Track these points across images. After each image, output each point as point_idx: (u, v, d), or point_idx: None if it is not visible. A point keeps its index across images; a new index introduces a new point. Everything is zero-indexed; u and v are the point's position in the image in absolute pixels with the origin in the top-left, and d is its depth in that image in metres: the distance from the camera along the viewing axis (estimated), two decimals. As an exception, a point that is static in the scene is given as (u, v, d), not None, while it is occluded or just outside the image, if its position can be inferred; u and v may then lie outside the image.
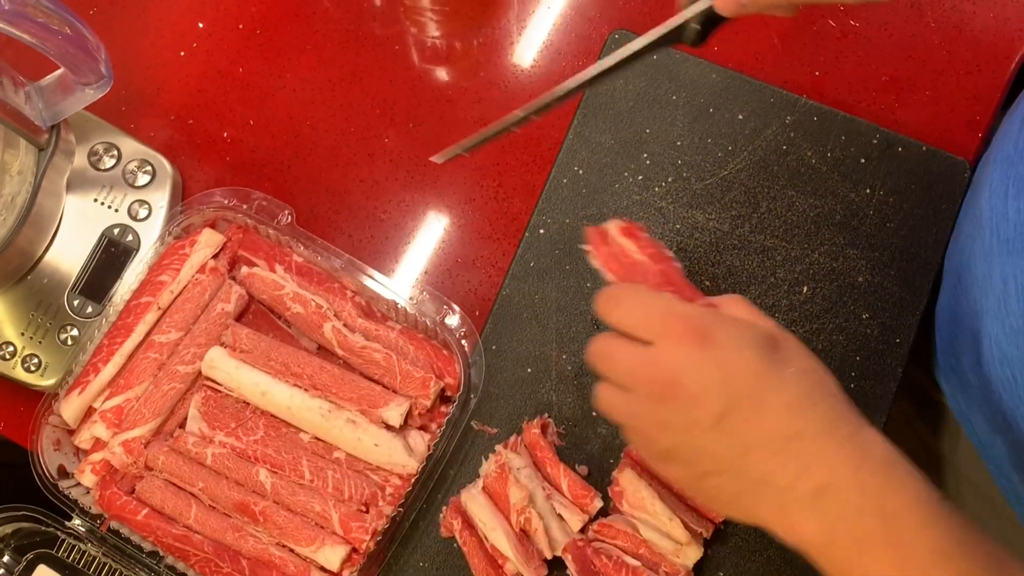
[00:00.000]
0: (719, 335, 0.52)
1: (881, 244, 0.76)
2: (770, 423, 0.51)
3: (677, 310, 0.53)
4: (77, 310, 0.76)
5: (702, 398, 0.51)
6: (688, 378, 0.51)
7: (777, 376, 0.52)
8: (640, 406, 0.53)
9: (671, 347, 0.52)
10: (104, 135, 0.79)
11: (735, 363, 0.51)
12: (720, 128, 0.79)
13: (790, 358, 0.53)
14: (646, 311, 0.54)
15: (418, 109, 0.82)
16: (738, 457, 0.51)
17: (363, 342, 0.73)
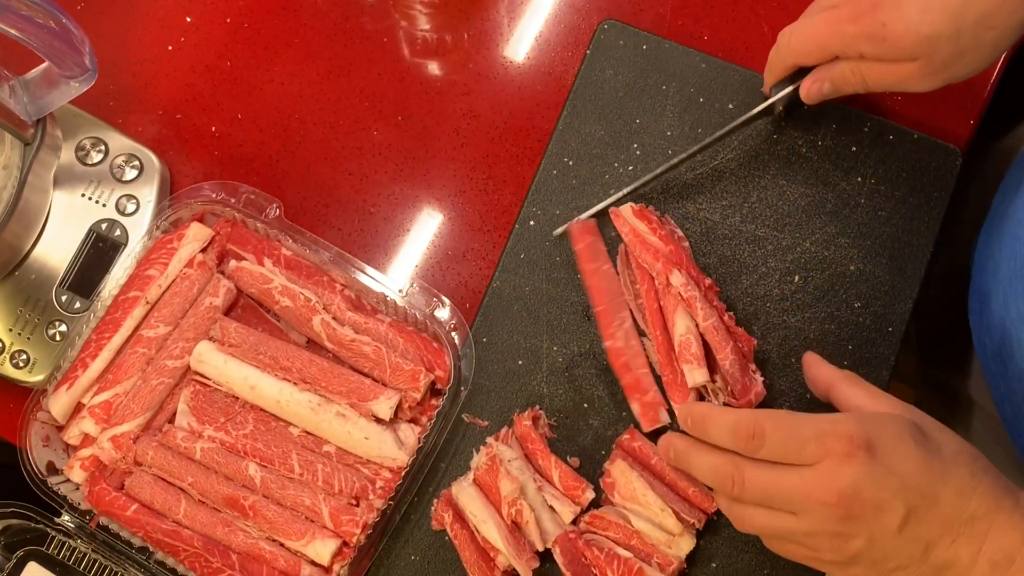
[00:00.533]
0: (879, 441, 0.54)
1: (873, 233, 0.76)
2: (946, 513, 0.54)
3: (830, 430, 0.55)
4: (65, 305, 0.75)
5: (885, 507, 0.53)
6: (867, 492, 0.53)
7: (941, 466, 0.55)
8: (817, 526, 0.55)
9: (838, 466, 0.54)
10: (91, 130, 0.79)
11: (903, 464, 0.54)
12: (710, 118, 0.79)
13: (940, 440, 0.56)
14: (800, 439, 0.55)
15: (407, 102, 0.82)
16: (922, 551, 0.54)
17: (352, 335, 0.72)
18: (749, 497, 0.57)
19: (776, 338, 0.74)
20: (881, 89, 0.66)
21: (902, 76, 0.63)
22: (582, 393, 0.74)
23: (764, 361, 0.74)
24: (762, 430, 0.56)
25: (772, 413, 0.57)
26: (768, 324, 0.75)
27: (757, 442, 0.56)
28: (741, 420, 0.57)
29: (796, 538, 0.56)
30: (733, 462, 0.57)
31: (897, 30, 0.61)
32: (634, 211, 0.74)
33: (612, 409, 0.74)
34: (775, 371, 0.74)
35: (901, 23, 0.60)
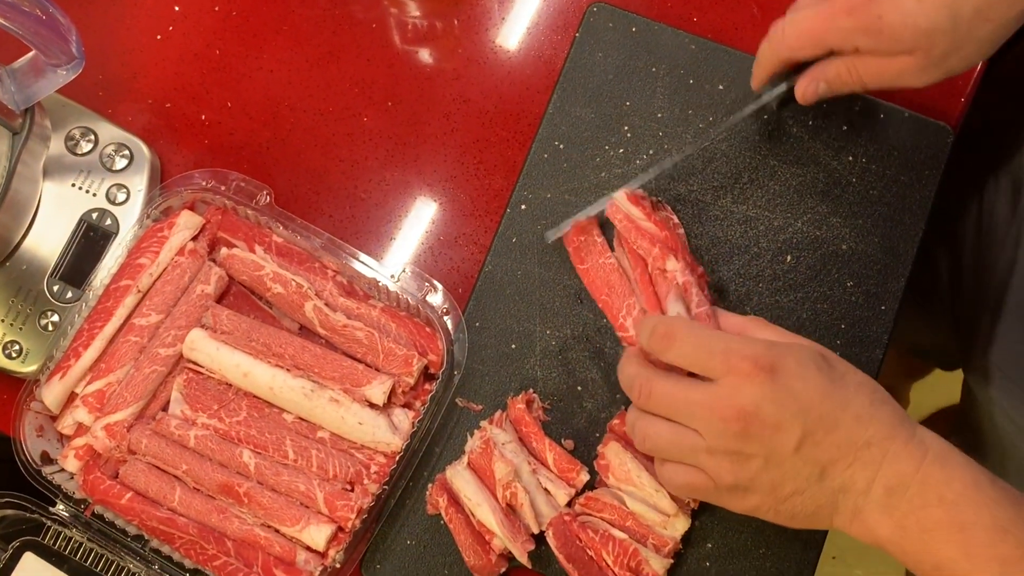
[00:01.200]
0: (784, 364, 0.55)
1: (864, 212, 0.76)
2: (843, 437, 0.55)
3: (738, 348, 0.56)
4: (57, 295, 0.75)
5: (782, 427, 0.55)
6: (766, 411, 0.54)
7: (842, 393, 0.56)
8: (715, 442, 0.56)
9: (741, 383, 0.55)
10: (81, 120, 0.79)
11: (806, 388, 0.55)
12: (700, 99, 0.78)
13: (844, 372, 0.58)
14: (708, 350, 0.57)
15: (397, 88, 0.82)
16: (818, 475, 0.55)
17: (345, 321, 0.72)
18: (655, 406, 0.58)
19: (768, 318, 0.74)
20: (878, 86, 0.65)
21: (899, 70, 0.63)
22: (576, 376, 0.74)
23: (757, 341, 0.74)
24: (674, 332, 0.58)
25: (690, 323, 0.60)
26: (760, 304, 0.74)
27: (667, 342, 0.58)
28: (661, 321, 0.59)
29: (696, 457, 0.57)
30: (646, 374, 0.59)
31: (894, 22, 0.60)
32: (628, 197, 0.74)
33: (606, 392, 0.74)
34: (768, 351, 0.74)
35: (898, 15, 0.60)
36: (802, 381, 0.55)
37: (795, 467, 0.55)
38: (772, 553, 0.71)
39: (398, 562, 0.72)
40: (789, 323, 0.74)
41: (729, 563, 0.71)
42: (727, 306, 0.74)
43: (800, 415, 0.54)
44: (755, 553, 0.71)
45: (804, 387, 0.55)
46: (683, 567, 0.71)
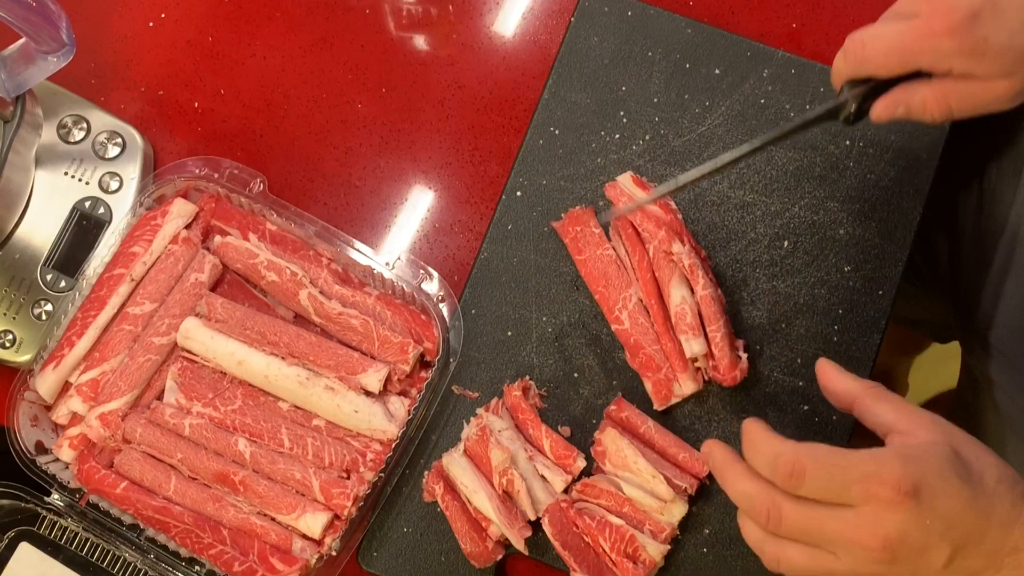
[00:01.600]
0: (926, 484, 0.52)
1: (862, 196, 0.75)
2: (990, 547, 0.53)
3: (875, 474, 0.52)
4: (50, 284, 0.75)
5: (929, 549, 0.53)
6: (912, 537, 0.52)
7: (986, 500, 0.53)
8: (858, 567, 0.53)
9: (883, 512, 0.52)
10: (73, 108, 0.78)
11: (950, 504, 0.53)
12: (697, 84, 0.78)
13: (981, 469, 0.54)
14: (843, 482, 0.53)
15: (391, 74, 0.81)
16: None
17: (340, 308, 0.72)
18: (787, 532, 0.55)
19: (766, 304, 0.74)
20: (964, 114, 0.61)
21: (995, 96, 0.59)
22: (572, 363, 0.74)
23: (754, 327, 0.74)
24: (803, 469, 0.53)
25: (814, 450, 0.54)
26: (757, 290, 0.74)
27: (796, 480, 0.54)
28: (782, 455, 0.54)
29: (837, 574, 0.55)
30: (771, 496, 0.54)
31: (1000, 44, 0.57)
32: (634, 180, 0.74)
33: (602, 378, 0.73)
34: (764, 337, 0.73)
35: (1005, 36, 0.56)
36: (946, 498, 0.53)
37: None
38: (769, 539, 0.70)
39: (395, 549, 0.72)
40: (787, 308, 0.74)
41: (727, 549, 0.71)
42: (725, 291, 0.73)
43: (947, 534, 0.53)
44: (752, 539, 0.71)
45: (948, 504, 0.53)
46: (680, 553, 0.71)
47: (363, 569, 0.72)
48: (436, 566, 0.71)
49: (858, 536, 0.53)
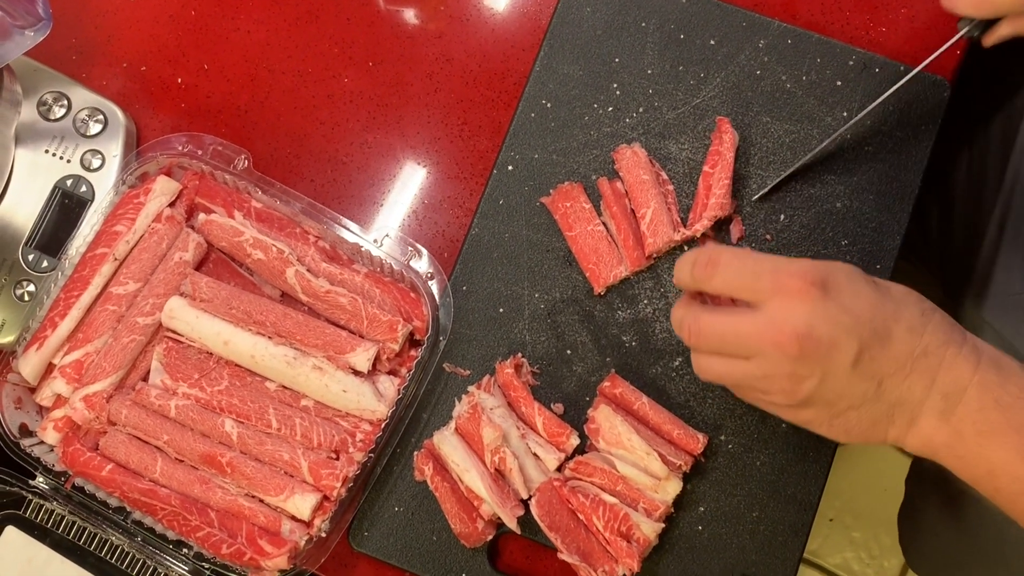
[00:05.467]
0: (834, 279, 0.54)
1: (859, 169, 0.74)
2: (898, 349, 0.54)
3: (786, 266, 0.54)
4: (32, 265, 0.74)
5: (838, 345, 0.53)
6: (820, 330, 0.53)
7: (893, 304, 0.55)
8: (770, 368, 0.54)
9: (792, 304, 0.53)
10: (53, 84, 0.77)
11: (857, 302, 0.53)
12: (691, 55, 0.76)
13: (886, 284, 0.56)
14: (754, 272, 0.54)
15: (378, 47, 0.79)
16: (875, 388, 0.54)
17: (328, 287, 0.70)
18: (705, 344, 0.57)
19: (762, 278, 0.73)
20: None
21: None
22: (565, 340, 0.73)
23: (750, 302, 0.72)
24: (718, 258, 0.56)
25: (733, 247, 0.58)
26: (753, 264, 0.73)
27: (711, 268, 0.56)
28: (703, 250, 0.57)
29: (751, 382, 0.56)
30: (692, 311, 0.57)
31: None
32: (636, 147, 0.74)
33: (596, 355, 0.72)
34: (761, 312, 0.72)
35: None
36: (853, 295, 0.54)
37: (852, 383, 0.54)
38: (766, 516, 0.70)
39: (386, 529, 0.71)
40: (782, 283, 0.72)
41: (721, 526, 0.70)
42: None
43: (855, 330, 0.53)
44: (748, 516, 0.70)
45: (856, 301, 0.53)
46: (675, 531, 0.70)
47: (354, 549, 0.71)
48: (428, 545, 0.71)
49: (767, 332, 0.53)
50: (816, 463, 0.71)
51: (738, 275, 0.55)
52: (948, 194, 0.90)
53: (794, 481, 0.70)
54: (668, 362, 0.72)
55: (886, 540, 1.59)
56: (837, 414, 0.55)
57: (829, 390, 0.54)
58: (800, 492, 0.70)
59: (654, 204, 0.71)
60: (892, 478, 1.32)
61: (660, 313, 0.72)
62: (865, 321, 0.53)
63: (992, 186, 0.82)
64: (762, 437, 0.71)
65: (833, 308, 0.53)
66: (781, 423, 0.71)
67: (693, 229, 0.71)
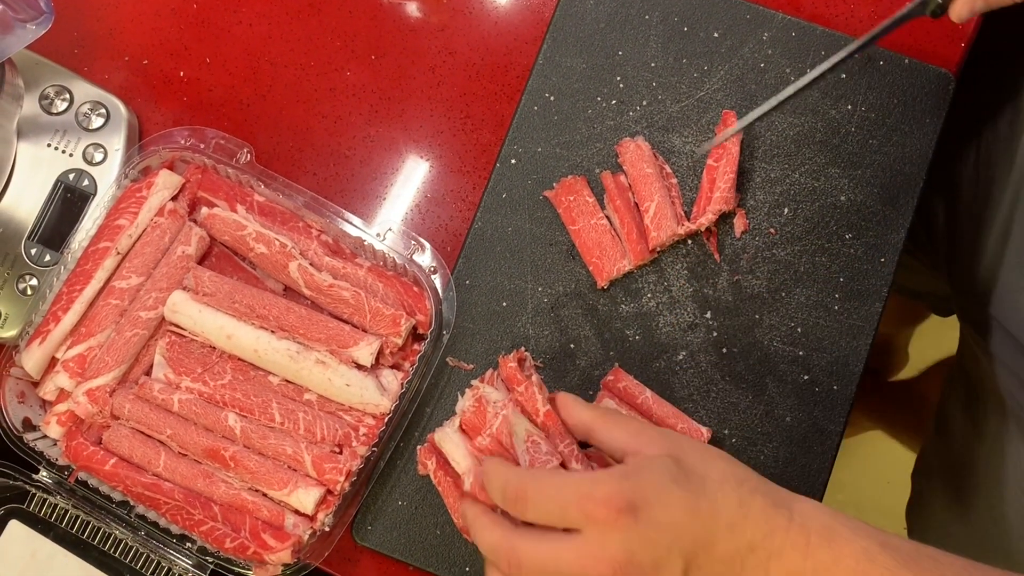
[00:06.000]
0: (642, 497, 0.51)
1: (864, 162, 0.74)
2: (723, 550, 0.52)
3: (588, 493, 0.52)
4: (35, 259, 0.73)
5: (661, 566, 0.51)
6: (639, 556, 0.51)
7: (708, 504, 0.52)
8: None
9: (604, 533, 0.51)
10: (55, 78, 0.76)
11: (670, 514, 0.51)
12: (695, 47, 0.76)
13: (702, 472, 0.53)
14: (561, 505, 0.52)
15: (380, 40, 0.79)
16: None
17: (330, 280, 0.70)
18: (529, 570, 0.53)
19: (765, 272, 0.72)
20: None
21: None
22: (568, 333, 0.72)
23: (753, 296, 0.72)
24: (524, 493, 0.53)
25: (536, 474, 0.55)
26: (757, 258, 0.73)
27: (522, 505, 0.54)
28: (509, 481, 0.54)
29: None
30: (508, 540, 0.54)
31: None
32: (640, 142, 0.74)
33: (599, 349, 0.72)
34: (764, 307, 0.72)
35: None
36: (664, 507, 0.51)
37: None
38: (769, 511, 0.69)
39: (389, 523, 0.71)
40: (787, 276, 0.72)
41: (726, 521, 0.70)
42: (724, 260, 0.72)
43: (675, 546, 0.51)
44: (752, 511, 0.70)
45: (668, 513, 0.51)
46: (679, 526, 0.70)
47: (357, 544, 0.71)
48: (432, 539, 0.71)
49: (589, 564, 0.51)
50: (820, 457, 0.70)
51: (547, 508, 0.53)
52: (954, 189, 0.89)
53: (798, 475, 0.70)
54: (672, 356, 0.72)
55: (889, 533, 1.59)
56: None
57: None
58: (804, 486, 0.70)
59: (658, 198, 0.71)
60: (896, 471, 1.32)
61: (663, 307, 0.72)
62: (684, 532, 0.51)
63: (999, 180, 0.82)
64: (765, 431, 0.71)
65: (647, 529, 0.51)
66: (785, 417, 0.71)
67: (697, 223, 0.71)
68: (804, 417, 0.71)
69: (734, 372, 0.71)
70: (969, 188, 0.86)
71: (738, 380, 0.71)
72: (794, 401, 0.71)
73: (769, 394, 0.71)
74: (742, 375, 0.71)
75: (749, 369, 0.71)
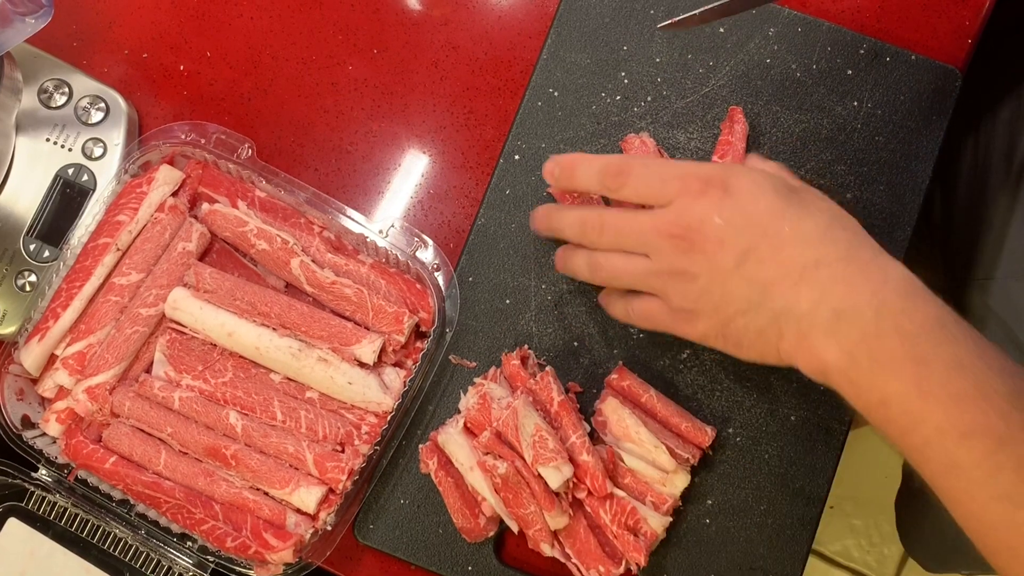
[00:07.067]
0: (737, 184, 0.53)
1: (870, 159, 0.73)
2: (789, 255, 0.52)
3: (692, 171, 0.54)
4: (34, 255, 0.73)
5: (724, 242, 0.52)
6: (709, 225, 0.52)
7: (796, 212, 0.53)
8: (663, 263, 0.54)
9: (690, 202, 0.53)
10: (54, 72, 0.75)
11: (756, 206, 0.53)
12: (700, 43, 0.75)
13: (808, 200, 0.54)
14: (662, 177, 0.54)
15: (382, 34, 0.78)
16: (761, 293, 0.53)
17: (333, 277, 0.70)
18: (607, 240, 0.56)
19: (771, 270, 0.72)
20: None
21: None
22: (572, 331, 0.72)
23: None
24: (629, 167, 0.55)
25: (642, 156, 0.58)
26: (762, 256, 0.72)
27: (622, 179, 0.55)
28: (611, 159, 0.56)
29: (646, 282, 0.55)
30: (597, 211, 0.57)
31: None
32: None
33: (603, 347, 0.71)
34: (770, 304, 0.71)
35: None
36: (754, 199, 0.53)
37: (736, 286, 0.53)
38: (773, 509, 0.69)
39: (391, 522, 0.70)
40: (792, 275, 0.72)
41: (729, 520, 0.69)
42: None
43: (744, 230, 0.52)
44: (756, 510, 0.69)
45: (754, 205, 0.52)
46: (682, 525, 0.69)
47: (360, 542, 0.71)
48: (434, 538, 0.70)
49: (663, 225, 0.53)
50: (825, 456, 0.70)
51: (647, 182, 0.55)
52: (952, 179, 0.89)
53: (802, 474, 0.70)
54: (676, 354, 0.71)
55: (887, 527, 1.59)
56: (726, 322, 0.54)
57: (715, 290, 0.53)
58: (808, 485, 0.70)
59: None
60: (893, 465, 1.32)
61: (668, 305, 0.72)
62: (757, 222, 0.52)
63: (998, 171, 0.81)
64: (770, 430, 0.70)
65: (729, 207, 0.52)
66: (790, 415, 0.70)
67: None
68: (809, 416, 0.70)
69: (739, 370, 0.71)
70: (968, 178, 0.86)
71: (743, 379, 0.71)
72: (799, 400, 0.70)
73: (774, 393, 0.71)
74: (747, 374, 0.71)
75: (754, 368, 0.71)
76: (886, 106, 0.74)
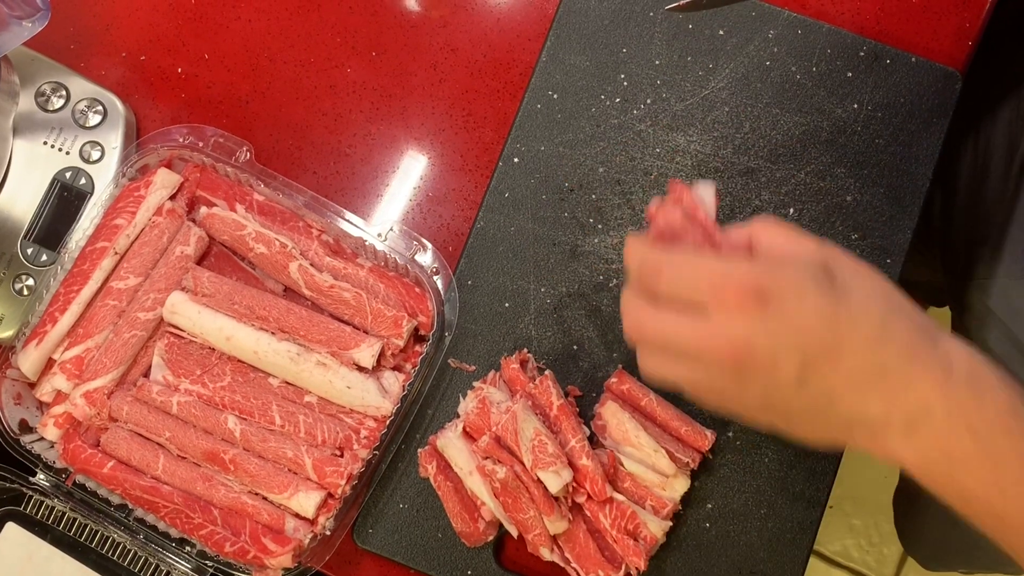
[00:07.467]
0: (775, 289, 0.49)
1: (870, 161, 0.73)
2: (852, 364, 0.49)
3: (723, 276, 0.50)
4: (31, 259, 0.73)
5: (777, 362, 0.49)
6: (758, 346, 0.49)
7: (847, 312, 0.49)
8: (712, 378, 0.51)
9: (730, 317, 0.49)
10: (51, 75, 0.75)
11: (802, 314, 0.49)
12: (700, 45, 0.75)
13: (850, 283, 0.51)
14: (693, 284, 0.51)
15: (381, 36, 0.78)
16: (827, 406, 0.50)
17: (331, 281, 0.70)
18: (650, 342, 0.53)
19: (771, 273, 0.72)
20: None
21: None
22: (571, 335, 0.72)
23: (758, 297, 0.71)
24: (660, 265, 0.52)
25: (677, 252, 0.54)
26: (762, 259, 0.72)
27: (655, 277, 0.52)
28: (649, 254, 0.53)
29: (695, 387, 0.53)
30: (635, 305, 0.53)
31: None
32: None
33: (602, 351, 0.71)
34: (770, 307, 0.71)
35: None
36: (797, 306, 0.49)
37: (799, 398, 0.50)
38: (773, 513, 0.69)
39: (391, 526, 0.70)
40: (791, 278, 0.71)
41: (729, 524, 0.69)
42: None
43: (798, 346, 0.49)
44: (756, 514, 0.69)
45: (800, 314, 0.49)
46: (682, 528, 0.69)
47: (359, 547, 0.71)
48: (433, 542, 0.70)
49: (709, 343, 0.50)
50: (824, 459, 0.70)
51: (677, 285, 0.52)
52: (952, 180, 0.89)
53: (802, 478, 0.70)
54: (676, 358, 0.71)
55: (886, 527, 1.59)
56: (790, 422, 0.52)
57: (777, 402, 0.51)
58: (808, 489, 0.69)
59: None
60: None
61: (668, 308, 0.72)
62: (811, 335, 0.49)
63: (998, 172, 0.81)
64: (770, 434, 0.70)
65: (772, 322, 0.49)
66: (790, 419, 0.70)
67: None
68: (809, 419, 0.70)
69: (739, 374, 0.70)
70: (967, 179, 0.86)
71: (743, 382, 0.70)
72: (799, 403, 0.70)
73: (774, 396, 0.70)
74: (747, 377, 0.70)
75: (754, 371, 0.71)
76: (886, 108, 0.73)
